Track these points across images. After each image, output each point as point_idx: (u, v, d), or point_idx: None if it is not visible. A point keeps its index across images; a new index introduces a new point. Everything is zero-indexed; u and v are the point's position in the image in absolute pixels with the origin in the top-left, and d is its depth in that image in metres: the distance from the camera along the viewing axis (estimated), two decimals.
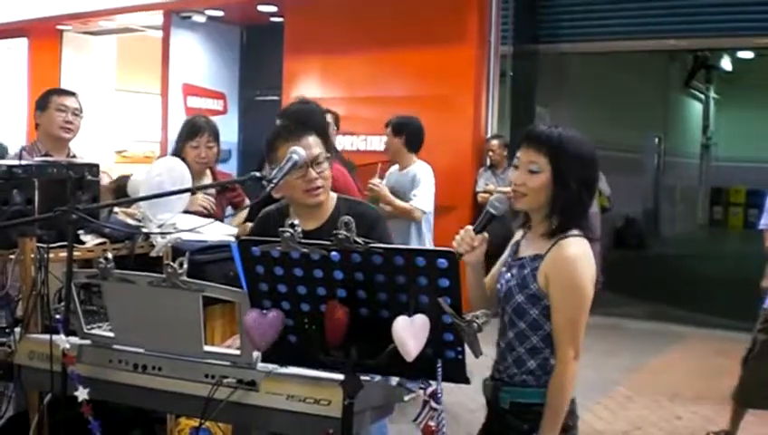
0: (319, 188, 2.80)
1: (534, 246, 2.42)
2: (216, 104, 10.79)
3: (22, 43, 12.03)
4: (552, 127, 2.38)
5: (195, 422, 2.55)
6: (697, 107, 19.76)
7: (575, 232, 2.36)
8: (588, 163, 2.37)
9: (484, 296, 2.52)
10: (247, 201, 4.67)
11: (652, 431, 5.14)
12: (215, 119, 4.58)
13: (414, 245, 5.49)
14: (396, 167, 5.76)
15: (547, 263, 2.34)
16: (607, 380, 6.26)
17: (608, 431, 5.12)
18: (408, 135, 5.66)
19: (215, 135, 4.29)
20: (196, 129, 4.24)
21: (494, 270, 2.58)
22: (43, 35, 11.66)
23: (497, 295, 2.49)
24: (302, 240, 1.98)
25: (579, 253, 2.33)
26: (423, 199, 5.48)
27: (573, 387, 2.36)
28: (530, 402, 2.35)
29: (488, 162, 8.05)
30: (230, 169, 9.81)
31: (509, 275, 2.45)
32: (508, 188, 2.46)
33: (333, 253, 1.95)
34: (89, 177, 3.13)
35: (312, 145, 2.80)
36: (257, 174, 2.51)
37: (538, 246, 2.40)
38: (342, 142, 8.15)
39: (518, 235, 2.55)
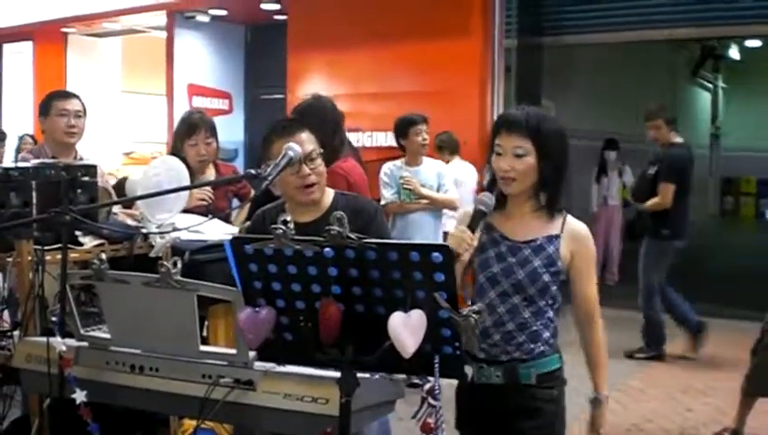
0: (312, 184, 2.77)
1: (535, 225, 2.48)
2: (221, 104, 10.79)
3: (27, 47, 12.07)
4: (522, 109, 2.47)
5: None
6: (706, 97, 19.60)
7: (564, 211, 2.50)
8: (564, 136, 2.49)
9: (461, 285, 2.52)
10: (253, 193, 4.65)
11: (663, 424, 5.10)
12: (220, 118, 4.55)
13: (440, 238, 5.52)
14: (397, 163, 5.75)
15: (568, 240, 2.48)
16: (619, 373, 6.21)
17: (619, 425, 5.07)
18: None
19: (212, 130, 4.24)
20: (193, 127, 4.18)
21: (466, 256, 2.52)
22: (48, 38, 11.69)
23: (493, 280, 2.49)
24: (296, 237, 1.95)
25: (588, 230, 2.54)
26: (455, 191, 5.72)
27: None
28: (552, 369, 2.51)
29: None
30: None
31: (513, 259, 2.46)
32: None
33: (327, 249, 1.92)
34: (85, 178, 3.10)
35: (304, 141, 2.76)
36: (253, 171, 2.48)
37: (541, 226, 2.48)
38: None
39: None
